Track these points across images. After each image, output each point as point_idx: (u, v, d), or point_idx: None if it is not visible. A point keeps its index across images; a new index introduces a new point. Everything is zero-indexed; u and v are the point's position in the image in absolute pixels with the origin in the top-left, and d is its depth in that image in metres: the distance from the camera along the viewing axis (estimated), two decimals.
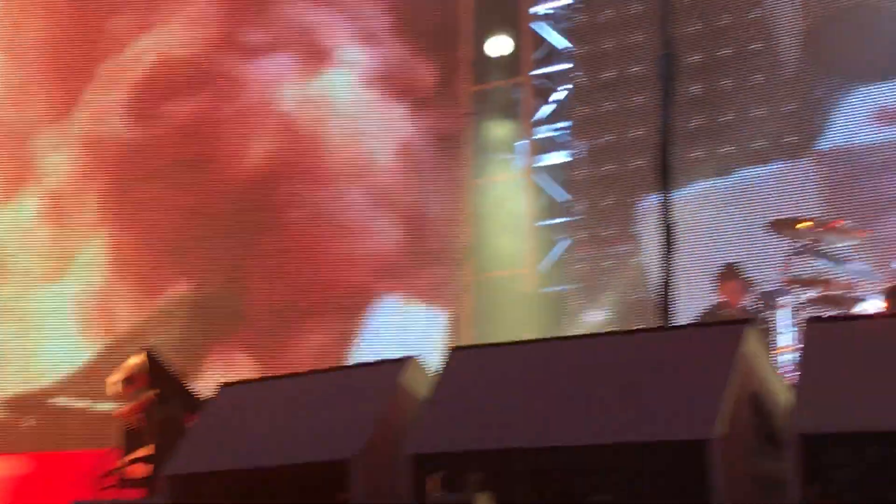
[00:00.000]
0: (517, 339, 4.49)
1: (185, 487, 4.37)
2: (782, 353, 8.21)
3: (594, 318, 11.24)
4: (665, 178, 4.70)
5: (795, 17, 10.64)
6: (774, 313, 8.57)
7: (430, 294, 11.95)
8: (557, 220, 12.31)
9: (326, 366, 5.18)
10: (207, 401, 4.86)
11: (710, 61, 10.84)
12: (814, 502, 3.34)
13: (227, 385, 4.81)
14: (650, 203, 10.73)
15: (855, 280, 8.62)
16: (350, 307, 11.74)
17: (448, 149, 12.28)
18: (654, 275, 10.39)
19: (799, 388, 3.57)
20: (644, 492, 3.66)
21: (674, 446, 3.65)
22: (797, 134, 10.41)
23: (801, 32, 10.61)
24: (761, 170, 10.52)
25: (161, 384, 5.34)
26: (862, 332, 3.74)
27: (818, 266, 8.73)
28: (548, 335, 8.68)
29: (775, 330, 8.62)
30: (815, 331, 3.72)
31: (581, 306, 11.55)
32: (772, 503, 3.68)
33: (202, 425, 4.70)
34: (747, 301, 8.95)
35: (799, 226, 8.60)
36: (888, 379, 3.52)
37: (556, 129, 12.38)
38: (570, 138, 12.12)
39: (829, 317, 7.64)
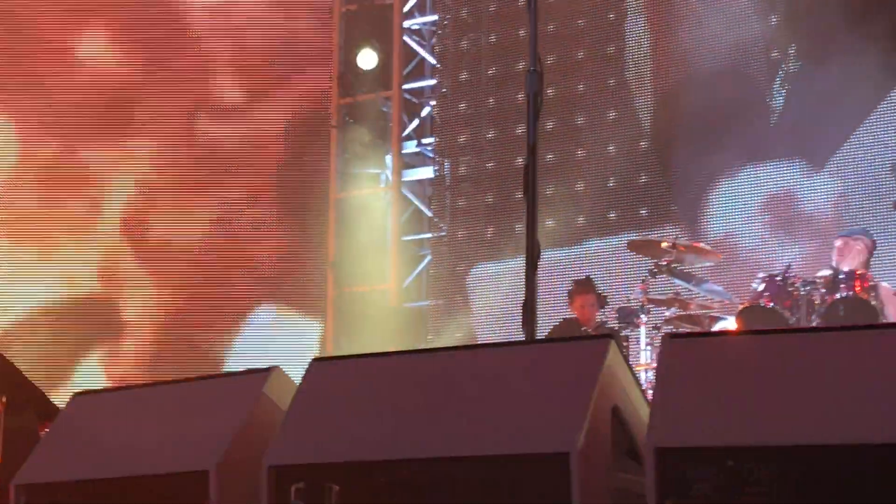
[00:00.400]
0: (379, 352, 4.47)
1: (37, 497, 4.24)
2: (640, 371, 8.34)
3: (458, 333, 11.29)
4: (532, 186, 4.76)
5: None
6: (632, 331, 8.71)
7: (299, 306, 11.89)
8: (424, 236, 12.32)
9: (204, 374, 5.10)
10: (61, 410, 4.73)
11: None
12: None
13: (81, 394, 4.69)
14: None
15: (712, 300, 8.81)
16: (227, 316, 11.65)
17: (315, 161, 12.24)
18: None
19: (655, 402, 3.61)
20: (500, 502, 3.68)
21: (535, 459, 3.67)
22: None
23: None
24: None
25: (11, 391, 5.18)
26: (717, 348, 3.80)
27: (676, 286, 8.90)
28: (411, 348, 8.68)
29: (634, 347, 8.76)
30: (671, 347, 3.76)
31: (444, 321, 11.57)
32: None
33: (56, 434, 4.58)
34: (601, 316, 9.06)
35: (660, 245, 8.76)
36: (743, 395, 3.59)
37: (423, 145, 12.39)
38: (434, 154, 12.14)
39: (685, 333, 7.79)
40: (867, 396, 3.50)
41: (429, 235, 12.16)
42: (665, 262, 8.68)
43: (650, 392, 3.90)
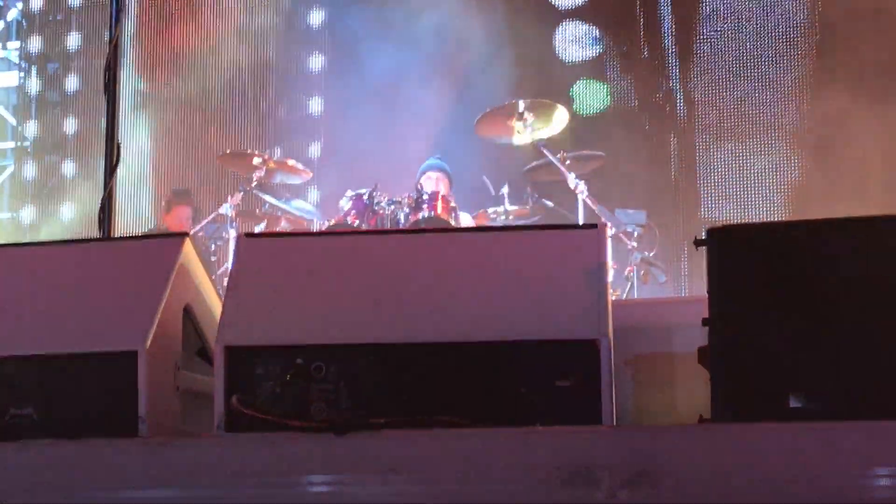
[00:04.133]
0: None
1: None
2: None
3: None
4: (112, 83, 4.65)
5: None
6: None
7: None
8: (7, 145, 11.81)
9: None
10: None
11: None
12: (235, 410, 3.39)
13: None
14: None
15: (301, 217, 8.91)
16: None
17: None
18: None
19: (227, 301, 3.60)
20: (69, 403, 3.58)
21: (103, 357, 3.58)
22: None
23: None
24: None
25: None
26: (292, 248, 3.83)
27: (268, 201, 8.92)
28: None
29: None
30: (246, 245, 3.76)
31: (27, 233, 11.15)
32: (196, 414, 3.72)
33: None
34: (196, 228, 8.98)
35: (251, 160, 8.74)
36: (314, 295, 3.64)
37: (10, 48, 11.82)
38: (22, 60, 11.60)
39: (261, 233, 7.84)
40: (435, 297, 3.63)
41: (12, 145, 11.63)
42: (255, 177, 8.67)
43: None
